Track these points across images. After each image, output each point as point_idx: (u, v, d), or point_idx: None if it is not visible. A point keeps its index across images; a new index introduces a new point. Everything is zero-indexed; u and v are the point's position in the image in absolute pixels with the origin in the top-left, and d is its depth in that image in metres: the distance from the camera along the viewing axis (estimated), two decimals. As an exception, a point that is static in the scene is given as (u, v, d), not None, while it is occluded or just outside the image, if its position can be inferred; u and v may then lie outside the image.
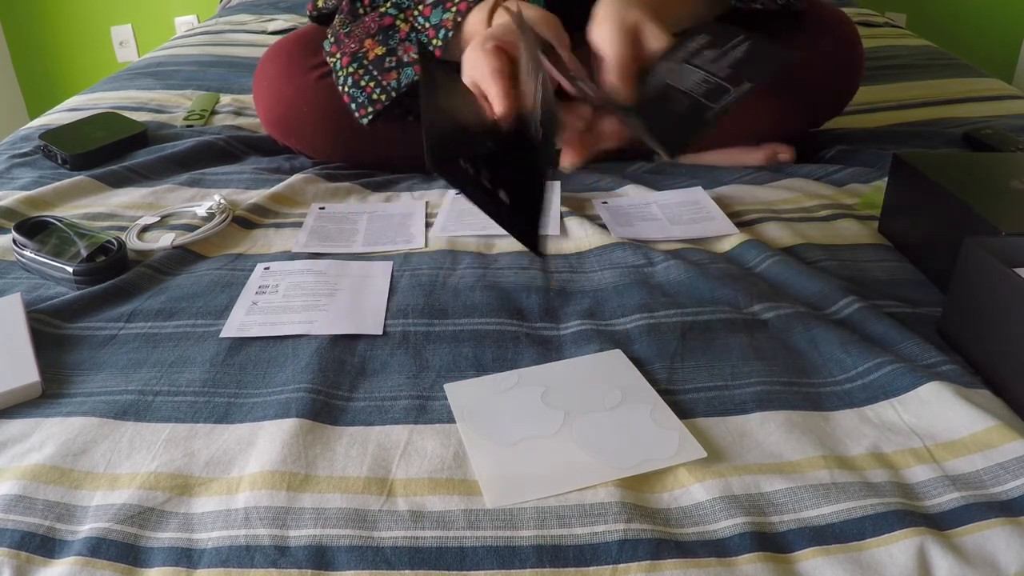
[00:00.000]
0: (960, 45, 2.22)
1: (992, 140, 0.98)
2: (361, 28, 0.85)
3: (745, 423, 0.55)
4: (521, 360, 0.62)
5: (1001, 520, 0.46)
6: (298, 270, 0.74)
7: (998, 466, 0.50)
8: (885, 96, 1.20)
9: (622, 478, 0.50)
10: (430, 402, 0.57)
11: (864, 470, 0.51)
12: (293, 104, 0.92)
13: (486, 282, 0.72)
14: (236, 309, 0.68)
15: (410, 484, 0.50)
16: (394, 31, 0.81)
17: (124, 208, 0.87)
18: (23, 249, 0.75)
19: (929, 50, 1.45)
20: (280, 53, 0.95)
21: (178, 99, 1.24)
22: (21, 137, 1.08)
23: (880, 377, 0.58)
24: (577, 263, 0.75)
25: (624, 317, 0.66)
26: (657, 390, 0.57)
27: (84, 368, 0.61)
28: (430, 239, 0.80)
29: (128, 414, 0.56)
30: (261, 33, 1.66)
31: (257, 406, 0.57)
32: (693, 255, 0.75)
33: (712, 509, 0.48)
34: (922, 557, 0.45)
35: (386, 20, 0.82)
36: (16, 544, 0.46)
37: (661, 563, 0.45)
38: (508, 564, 0.45)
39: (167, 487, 0.50)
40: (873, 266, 0.74)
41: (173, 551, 0.46)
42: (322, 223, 0.84)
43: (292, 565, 0.45)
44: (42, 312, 0.67)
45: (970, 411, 0.54)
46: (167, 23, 2.55)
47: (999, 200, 0.68)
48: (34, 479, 0.50)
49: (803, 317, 0.64)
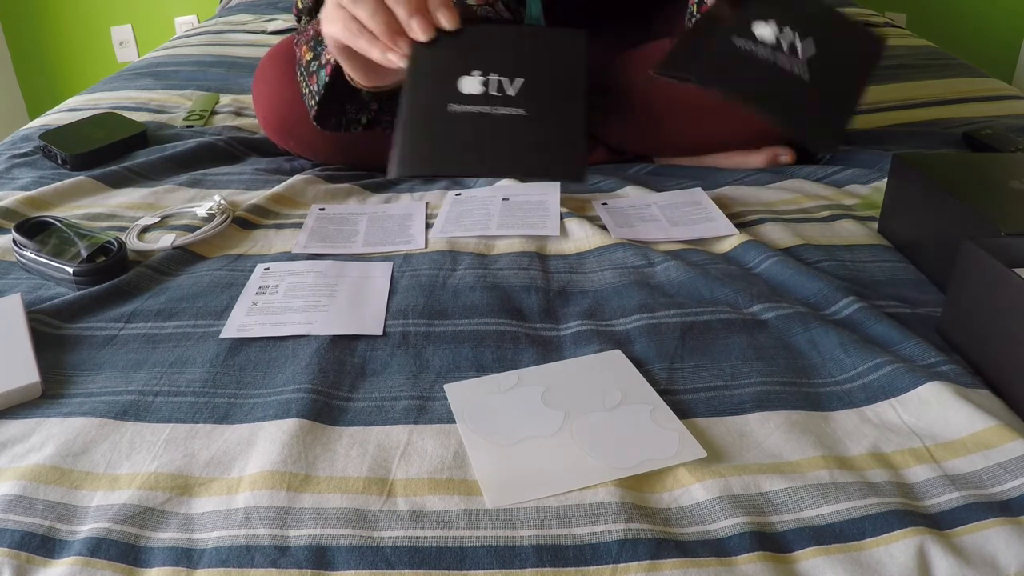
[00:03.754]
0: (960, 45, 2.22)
1: (992, 140, 0.98)
2: (304, 35, 0.85)
3: (745, 423, 0.55)
4: (521, 360, 0.62)
5: (1001, 520, 0.46)
6: (298, 271, 0.74)
7: (998, 466, 0.50)
8: (885, 96, 1.20)
9: (622, 478, 0.50)
10: (430, 402, 0.57)
11: (864, 470, 0.51)
12: (292, 107, 0.92)
13: (486, 283, 0.72)
14: (236, 310, 0.68)
15: (410, 484, 0.50)
16: (322, 37, 0.81)
17: (124, 208, 0.87)
18: (23, 249, 0.75)
19: (929, 50, 1.45)
20: (279, 56, 0.95)
21: (178, 99, 1.24)
22: (21, 137, 1.08)
23: (880, 377, 0.58)
24: (577, 263, 0.75)
25: (624, 317, 0.66)
26: (657, 390, 0.57)
27: (84, 368, 0.61)
28: (430, 240, 0.80)
29: (128, 414, 0.56)
30: (261, 33, 1.66)
31: (257, 406, 0.57)
32: (693, 256, 0.75)
33: (712, 509, 0.48)
34: (922, 557, 0.45)
35: (319, 26, 0.82)
36: (16, 544, 0.46)
37: (661, 563, 0.45)
38: (508, 564, 0.45)
39: (167, 487, 0.50)
40: (873, 266, 0.74)
41: (173, 551, 0.46)
42: (322, 224, 0.84)
43: (292, 565, 0.45)
44: (42, 312, 0.67)
45: (970, 411, 0.54)
46: (167, 23, 2.55)
47: (999, 200, 0.68)
48: (34, 479, 0.50)
49: (803, 317, 0.64)
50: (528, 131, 0.49)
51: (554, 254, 0.77)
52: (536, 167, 0.48)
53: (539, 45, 0.53)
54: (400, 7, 0.55)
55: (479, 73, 0.51)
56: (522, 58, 0.52)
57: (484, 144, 0.50)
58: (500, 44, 0.53)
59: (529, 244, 0.78)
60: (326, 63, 0.76)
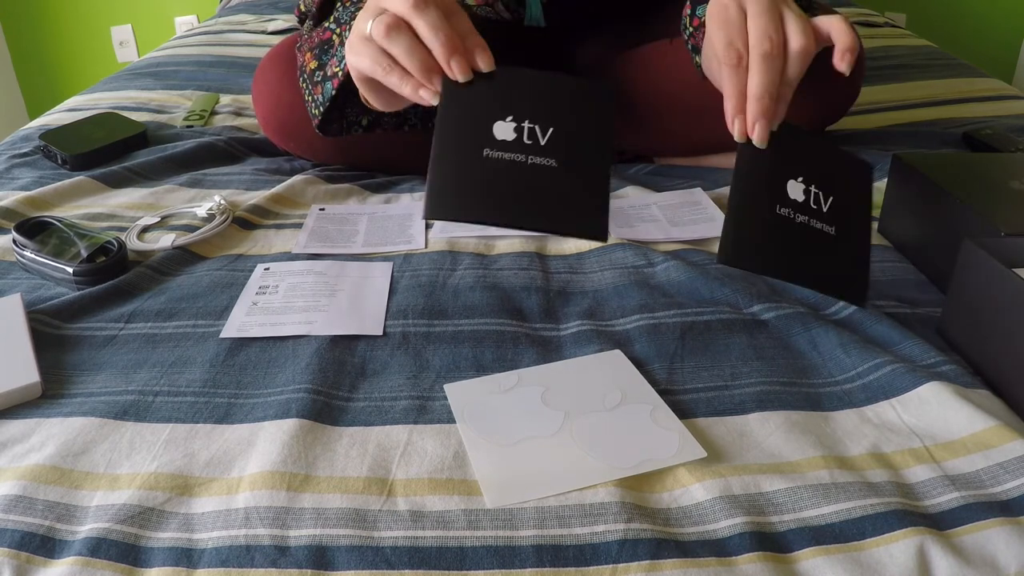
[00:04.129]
0: (960, 45, 2.23)
1: (992, 140, 0.98)
2: (308, 42, 0.85)
3: (745, 423, 0.55)
4: (521, 360, 0.62)
5: (1001, 520, 0.46)
6: (298, 271, 0.74)
7: (998, 466, 0.50)
8: (885, 96, 1.20)
9: (622, 478, 0.50)
10: (430, 402, 0.57)
11: (864, 470, 0.51)
12: (292, 109, 0.92)
13: (486, 283, 0.72)
14: (236, 310, 0.68)
15: (410, 484, 0.50)
16: (329, 45, 0.80)
17: (124, 208, 0.87)
18: (23, 249, 0.75)
19: (929, 50, 1.45)
20: (278, 57, 0.95)
21: (178, 99, 1.24)
22: (21, 137, 1.08)
23: (880, 377, 0.58)
24: (577, 263, 0.75)
25: (624, 317, 0.66)
26: (657, 390, 0.57)
27: (84, 368, 0.61)
28: (430, 240, 0.80)
29: (128, 414, 0.56)
30: (261, 33, 1.66)
31: (257, 406, 0.57)
32: (693, 256, 0.75)
33: (712, 509, 0.48)
34: (922, 557, 0.45)
35: (325, 35, 0.81)
36: (16, 544, 0.46)
37: (661, 563, 0.45)
38: (508, 564, 0.45)
39: (167, 487, 0.50)
40: (873, 266, 0.74)
41: (173, 551, 0.46)
42: (322, 224, 0.84)
43: (292, 565, 0.45)
44: (42, 312, 0.67)
45: (970, 411, 0.54)
46: (167, 23, 2.56)
47: (999, 200, 0.68)
48: (34, 479, 0.50)
49: (803, 317, 0.64)
50: (557, 183, 0.49)
51: (554, 254, 0.77)
52: (563, 223, 0.48)
53: (571, 95, 0.53)
54: (438, 46, 0.54)
55: (512, 119, 0.51)
56: (555, 107, 0.52)
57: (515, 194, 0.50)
58: (533, 91, 0.53)
59: (529, 244, 0.78)
60: (332, 76, 0.76)
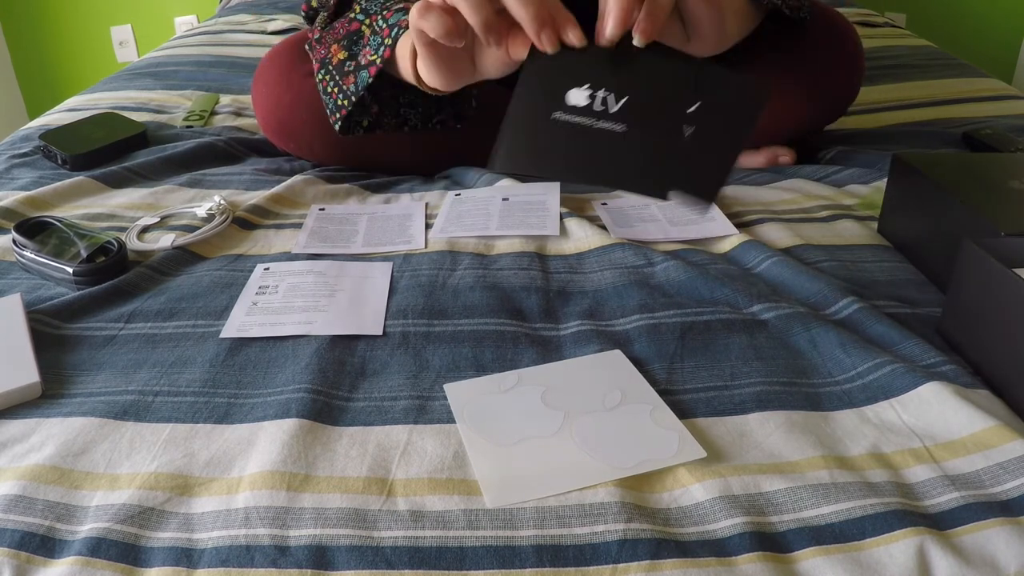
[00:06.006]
0: (960, 45, 2.23)
1: (992, 140, 0.98)
2: (331, 34, 0.85)
3: (745, 423, 0.55)
4: (521, 360, 0.62)
5: (1001, 520, 0.46)
6: (298, 271, 0.74)
7: (998, 466, 0.50)
8: (885, 96, 1.20)
9: (622, 478, 0.50)
10: (430, 402, 0.57)
11: (864, 470, 0.51)
12: (292, 109, 0.92)
13: (486, 283, 0.72)
14: (236, 310, 0.68)
15: (410, 484, 0.50)
16: (359, 36, 0.80)
17: (124, 209, 0.87)
18: (23, 249, 0.75)
19: (929, 50, 1.45)
20: (278, 58, 0.95)
21: (178, 99, 1.24)
22: (21, 137, 1.08)
23: (880, 377, 0.58)
24: (577, 263, 0.75)
25: (624, 317, 0.67)
26: (657, 390, 0.57)
27: (84, 368, 0.61)
28: (430, 240, 0.80)
29: (128, 414, 0.56)
30: (261, 33, 1.66)
31: (257, 406, 0.57)
32: (693, 256, 0.75)
33: (712, 509, 0.48)
34: (922, 557, 0.45)
35: (353, 25, 0.81)
36: (16, 544, 0.46)
37: (661, 563, 0.45)
38: (508, 564, 0.45)
39: (167, 487, 0.50)
40: (873, 266, 0.74)
41: (173, 551, 0.46)
42: (322, 224, 0.84)
43: (292, 565, 0.45)
44: (42, 312, 0.67)
45: (970, 411, 0.54)
46: (167, 23, 2.56)
47: (999, 200, 0.68)
48: (34, 479, 0.50)
49: (803, 317, 0.64)
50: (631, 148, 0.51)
51: (554, 254, 0.77)
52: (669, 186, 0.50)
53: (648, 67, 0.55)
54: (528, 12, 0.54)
55: (588, 87, 0.53)
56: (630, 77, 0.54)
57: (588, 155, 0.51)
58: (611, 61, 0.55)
59: (529, 244, 0.78)
60: (368, 64, 0.76)
